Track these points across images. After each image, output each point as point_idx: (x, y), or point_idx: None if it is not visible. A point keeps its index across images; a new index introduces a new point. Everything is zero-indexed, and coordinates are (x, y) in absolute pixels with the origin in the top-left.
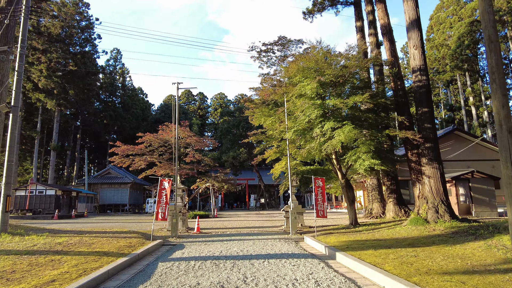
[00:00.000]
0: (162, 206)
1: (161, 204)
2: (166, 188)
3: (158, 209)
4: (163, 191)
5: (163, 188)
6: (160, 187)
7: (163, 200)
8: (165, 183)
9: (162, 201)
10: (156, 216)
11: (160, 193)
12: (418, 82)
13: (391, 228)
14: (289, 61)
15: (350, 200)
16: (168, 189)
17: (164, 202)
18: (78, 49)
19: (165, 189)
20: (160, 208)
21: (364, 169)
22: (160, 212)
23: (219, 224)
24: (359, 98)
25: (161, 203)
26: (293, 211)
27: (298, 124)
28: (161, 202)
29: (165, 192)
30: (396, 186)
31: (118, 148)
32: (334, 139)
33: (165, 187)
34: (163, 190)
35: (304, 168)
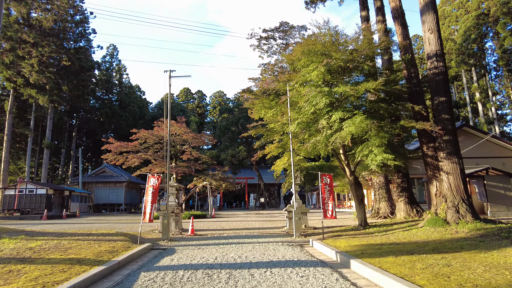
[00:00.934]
0: (149, 205)
1: (148, 204)
2: (155, 185)
3: (145, 208)
4: (150, 189)
5: (151, 185)
6: (148, 184)
7: (150, 199)
8: (153, 179)
9: (149, 200)
10: (143, 216)
11: (147, 191)
12: (434, 69)
13: (406, 230)
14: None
15: (359, 199)
16: (157, 187)
17: (150, 201)
18: (72, 44)
19: (153, 186)
20: (147, 208)
21: (377, 164)
22: (147, 213)
23: (216, 225)
24: (372, 84)
25: (148, 203)
26: (297, 211)
27: (302, 115)
28: (148, 202)
29: (152, 190)
30: (407, 184)
31: (111, 145)
32: (344, 131)
33: (153, 185)
34: (151, 187)
35: (309, 165)
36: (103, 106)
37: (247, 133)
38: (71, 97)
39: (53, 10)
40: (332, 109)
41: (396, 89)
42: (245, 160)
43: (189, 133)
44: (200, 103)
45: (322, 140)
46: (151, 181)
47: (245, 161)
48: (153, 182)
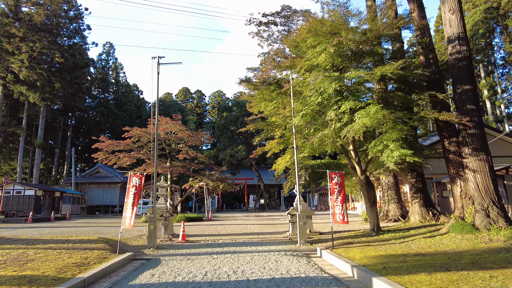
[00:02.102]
0: (129, 209)
1: (129, 207)
2: (137, 185)
3: (125, 212)
4: (132, 190)
5: (133, 185)
6: (129, 184)
7: (131, 201)
8: (135, 179)
9: (130, 202)
10: (123, 221)
11: (128, 192)
12: (457, 54)
13: (427, 236)
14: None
15: (371, 201)
16: (140, 187)
17: (132, 204)
18: (65, 40)
19: (136, 186)
20: (127, 211)
21: (394, 161)
22: (127, 217)
23: (212, 229)
24: (390, 67)
25: (128, 205)
26: (302, 214)
27: (307, 107)
28: (128, 204)
29: (134, 191)
30: (422, 184)
31: (102, 144)
32: (356, 123)
33: (135, 185)
34: (133, 188)
35: (314, 163)
36: (99, 105)
37: (246, 127)
38: (65, 95)
39: (46, 5)
40: (342, 98)
41: (416, 75)
42: (245, 160)
43: (184, 131)
44: (199, 103)
45: (330, 134)
46: (133, 180)
47: (244, 161)
48: (135, 182)
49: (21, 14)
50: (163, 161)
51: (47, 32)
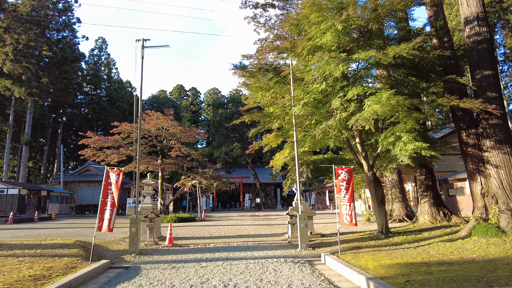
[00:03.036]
0: (108, 210)
1: (106, 207)
2: (115, 183)
3: (103, 214)
4: (109, 188)
5: (111, 182)
6: (106, 181)
7: (110, 201)
8: (113, 175)
9: (107, 202)
10: (99, 224)
11: (105, 190)
12: (475, 36)
13: (444, 240)
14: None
15: (379, 200)
16: (118, 184)
17: (110, 204)
18: (54, 34)
19: (114, 184)
20: (104, 213)
21: (408, 155)
22: (105, 219)
23: (204, 231)
24: (405, 46)
25: (106, 206)
26: (303, 215)
27: (310, 94)
28: (106, 204)
29: (112, 189)
30: (432, 182)
31: (89, 140)
32: (366, 111)
33: (112, 182)
34: (109, 186)
35: (316, 158)
36: (91, 102)
37: (241, 118)
38: (54, 90)
39: None
40: (348, 84)
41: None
42: (240, 158)
43: (176, 126)
44: (194, 101)
45: (334, 125)
46: (110, 177)
47: (239, 159)
48: (113, 179)
49: (5, 4)
50: (154, 159)
51: (34, 24)
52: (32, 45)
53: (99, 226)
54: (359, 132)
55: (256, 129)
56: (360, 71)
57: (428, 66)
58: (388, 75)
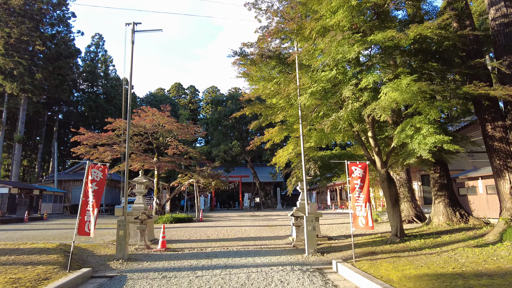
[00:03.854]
0: (90, 211)
1: (88, 208)
2: (98, 180)
3: (84, 216)
4: (92, 186)
5: (93, 179)
6: (87, 178)
7: (92, 201)
8: (96, 171)
9: (89, 203)
10: (79, 227)
11: (86, 189)
12: (502, 18)
13: (470, 246)
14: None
15: (393, 200)
16: (102, 182)
17: (92, 204)
18: (48, 28)
19: (97, 181)
20: (86, 214)
21: (429, 149)
22: (86, 222)
23: (201, 233)
24: (429, 25)
25: (88, 206)
26: (310, 217)
27: (319, 81)
28: (88, 205)
29: (94, 187)
30: (447, 180)
31: (81, 136)
32: (383, 99)
33: (95, 179)
34: (93, 183)
35: (323, 154)
36: (87, 99)
37: (241, 111)
38: (48, 87)
39: None
40: (362, 71)
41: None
42: (239, 156)
43: (173, 122)
44: (192, 99)
45: (346, 116)
46: (92, 173)
47: (239, 158)
48: (95, 176)
49: None
50: (150, 156)
51: (27, 18)
52: (25, 39)
53: (79, 229)
54: (372, 125)
55: (258, 122)
56: (375, 56)
57: (450, 51)
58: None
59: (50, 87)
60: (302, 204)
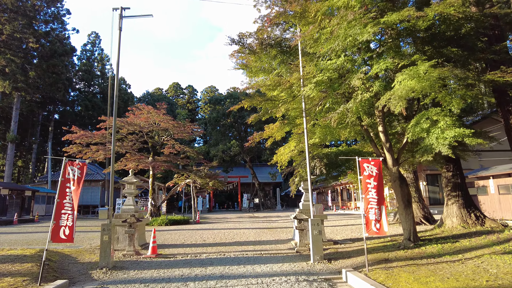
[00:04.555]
0: (67, 214)
1: (64, 210)
2: (76, 179)
3: (59, 219)
4: (67, 187)
5: (71, 178)
6: (64, 177)
7: (68, 204)
8: (73, 169)
9: (65, 205)
10: (53, 233)
11: (62, 189)
12: None
13: (497, 252)
14: None
15: (405, 200)
16: (79, 182)
17: (70, 208)
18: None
19: (75, 180)
20: (61, 218)
21: (448, 144)
22: (62, 227)
23: (197, 236)
24: (452, 1)
25: (64, 209)
26: (316, 220)
27: (325, 70)
28: (64, 207)
29: (72, 187)
30: (461, 179)
31: (73, 135)
32: (399, 88)
33: (71, 179)
34: (70, 183)
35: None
36: (83, 98)
37: (240, 104)
38: (43, 85)
39: None
40: (372, 57)
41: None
42: (238, 156)
43: (169, 120)
44: (190, 99)
45: (354, 108)
46: (69, 171)
47: (237, 158)
48: (72, 174)
49: None
50: (145, 156)
51: (20, 14)
52: (18, 36)
53: (53, 235)
54: (383, 118)
55: (257, 115)
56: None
57: (469, 36)
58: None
59: (44, 85)
60: (305, 205)
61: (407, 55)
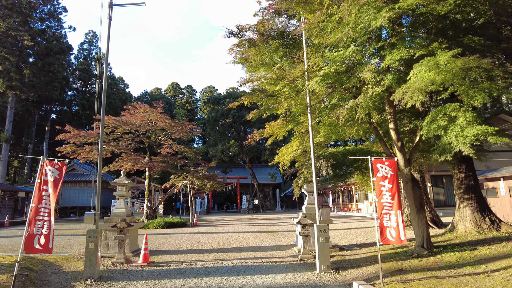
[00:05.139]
0: (43, 220)
1: (40, 217)
2: (53, 180)
3: (32, 226)
4: (44, 190)
5: (46, 181)
6: (40, 178)
7: (45, 209)
8: (51, 169)
9: (41, 210)
10: (26, 243)
11: (38, 192)
12: None
13: None
14: None
15: (418, 203)
16: (57, 183)
17: (46, 214)
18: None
19: (50, 183)
20: (35, 225)
21: (469, 142)
22: (36, 235)
23: (194, 241)
24: None
25: (40, 214)
26: (322, 226)
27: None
28: (40, 213)
29: (49, 189)
30: (474, 181)
31: (67, 134)
32: (415, 81)
33: (49, 180)
34: (45, 185)
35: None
36: (81, 98)
37: (239, 100)
38: (38, 84)
39: None
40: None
41: None
42: (237, 156)
43: (166, 119)
44: (189, 99)
45: (365, 104)
46: (47, 172)
47: (236, 158)
48: (50, 174)
49: None
50: (141, 156)
51: (15, 12)
52: (12, 34)
53: (27, 245)
54: (394, 115)
55: (258, 111)
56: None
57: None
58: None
59: (40, 84)
60: (309, 209)
61: (423, 45)
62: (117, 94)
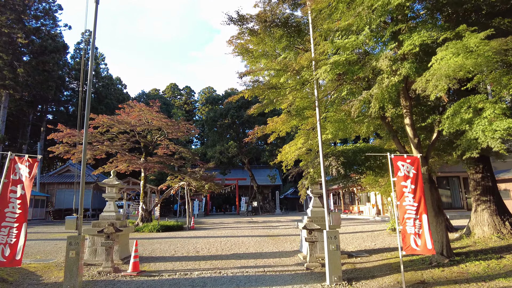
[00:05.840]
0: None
1: (5, 223)
2: (23, 180)
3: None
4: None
5: (16, 180)
6: (8, 177)
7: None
8: (21, 167)
9: (7, 215)
10: None
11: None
12: None
13: None
14: None
15: (436, 207)
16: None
17: (14, 219)
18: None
19: (20, 182)
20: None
21: (500, 137)
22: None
23: (190, 246)
24: None
25: (5, 220)
26: (333, 232)
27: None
28: (5, 218)
29: (20, 192)
30: (492, 182)
31: (59, 134)
32: (438, 69)
33: (20, 179)
34: (14, 186)
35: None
36: (77, 98)
37: (240, 93)
38: (33, 83)
39: None
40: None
41: None
42: (236, 158)
43: (162, 118)
44: (188, 100)
45: (380, 95)
46: (17, 170)
47: (235, 159)
48: (21, 173)
49: None
50: (137, 156)
51: (9, 9)
52: (6, 31)
53: None
54: (410, 109)
55: (260, 105)
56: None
57: None
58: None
59: (34, 83)
60: (315, 212)
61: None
62: (114, 94)
